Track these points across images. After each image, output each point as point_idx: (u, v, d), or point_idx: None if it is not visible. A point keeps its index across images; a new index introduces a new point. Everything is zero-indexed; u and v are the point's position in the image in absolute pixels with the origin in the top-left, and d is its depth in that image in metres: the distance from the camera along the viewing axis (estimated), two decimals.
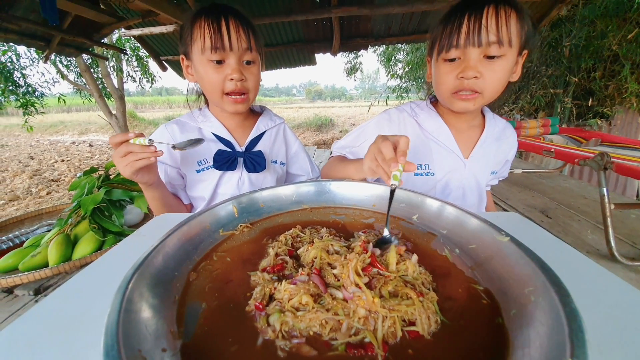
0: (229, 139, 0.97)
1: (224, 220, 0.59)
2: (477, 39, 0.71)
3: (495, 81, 0.75)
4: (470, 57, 0.74)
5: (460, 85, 0.77)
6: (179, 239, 0.49)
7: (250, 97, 0.91)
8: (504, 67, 0.74)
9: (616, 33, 4.38)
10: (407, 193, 0.66)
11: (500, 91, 0.79)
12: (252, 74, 0.88)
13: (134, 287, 0.35)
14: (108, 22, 3.32)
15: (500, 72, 0.74)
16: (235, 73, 0.83)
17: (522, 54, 0.78)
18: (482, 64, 0.74)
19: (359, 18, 3.78)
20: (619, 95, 4.84)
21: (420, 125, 0.94)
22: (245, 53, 0.84)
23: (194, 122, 0.98)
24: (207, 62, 0.83)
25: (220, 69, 0.83)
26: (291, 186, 0.71)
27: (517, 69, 0.80)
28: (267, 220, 0.63)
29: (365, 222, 0.62)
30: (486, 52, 0.72)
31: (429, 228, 0.58)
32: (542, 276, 0.38)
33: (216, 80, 0.84)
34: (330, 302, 0.33)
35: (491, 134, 0.93)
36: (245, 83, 0.87)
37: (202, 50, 0.81)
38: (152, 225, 0.65)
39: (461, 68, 0.75)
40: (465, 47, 0.73)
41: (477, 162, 0.92)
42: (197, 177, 0.95)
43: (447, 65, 0.79)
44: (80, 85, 6.48)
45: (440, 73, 0.81)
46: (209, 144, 0.95)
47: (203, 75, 0.85)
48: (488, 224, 0.51)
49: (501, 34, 0.70)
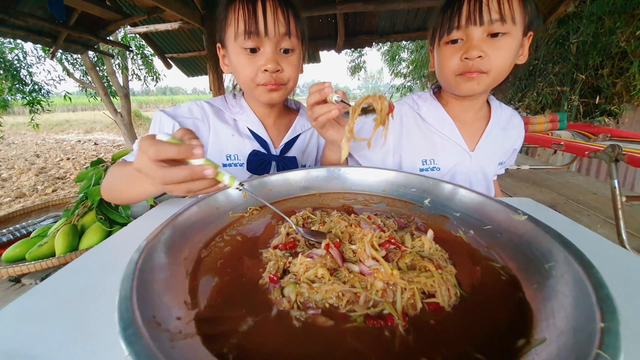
0: (266, 138, 0.88)
1: (233, 202, 0.58)
2: (478, 17, 0.69)
3: (501, 59, 0.73)
4: (473, 37, 0.71)
5: (465, 66, 0.74)
6: (189, 218, 0.48)
7: (289, 88, 0.81)
8: (509, 44, 0.72)
9: (624, 30, 4.32)
10: (419, 177, 0.65)
11: (507, 71, 0.76)
12: (290, 64, 0.78)
13: (146, 259, 0.35)
14: (114, 18, 3.34)
15: (505, 50, 0.72)
16: (270, 63, 0.73)
17: (528, 35, 0.76)
18: (486, 43, 0.71)
19: (363, 14, 3.76)
20: (627, 92, 4.78)
21: (422, 119, 0.91)
22: (283, 39, 0.74)
23: (227, 110, 0.89)
24: (240, 51, 0.74)
25: (254, 58, 0.74)
26: (300, 172, 0.70)
27: (524, 51, 0.77)
28: (277, 204, 0.62)
29: (376, 206, 0.61)
30: (489, 30, 0.70)
31: (441, 211, 0.57)
32: (563, 251, 0.37)
33: (249, 71, 0.76)
34: (347, 275, 0.33)
35: (497, 124, 0.91)
36: (281, 74, 0.77)
37: (235, 36, 0.73)
38: (160, 209, 0.64)
39: (464, 49, 0.73)
40: (467, 26, 0.71)
41: (483, 154, 0.89)
42: None
43: (450, 47, 0.76)
44: (86, 83, 6.52)
45: (443, 57, 0.79)
46: (242, 139, 0.86)
47: (236, 65, 0.77)
48: (504, 204, 0.50)
49: (504, 10, 0.68)
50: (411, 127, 0.91)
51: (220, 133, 0.86)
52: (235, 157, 0.87)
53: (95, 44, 4.01)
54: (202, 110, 0.86)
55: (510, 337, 0.29)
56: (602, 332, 0.25)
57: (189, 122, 0.82)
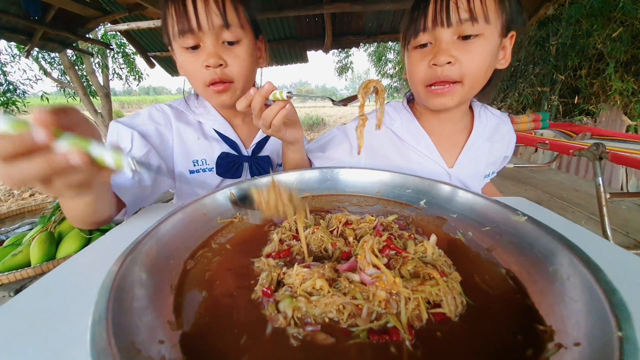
0: (235, 139, 0.82)
1: (221, 206, 0.55)
2: (445, 17, 0.61)
3: (475, 65, 0.64)
4: (442, 40, 0.64)
5: (433, 74, 0.66)
6: (174, 225, 0.45)
7: (237, 86, 0.73)
8: (483, 47, 0.64)
9: (601, 32, 4.49)
10: (414, 179, 0.63)
11: (483, 78, 0.68)
12: (235, 56, 0.70)
13: (125, 274, 0.31)
14: (93, 15, 3.21)
15: (479, 53, 0.64)
16: (210, 58, 0.66)
17: (509, 36, 0.68)
18: (457, 46, 0.63)
19: (351, 15, 3.77)
20: (603, 92, 4.96)
21: (395, 134, 0.83)
22: (221, 31, 0.67)
23: (190, 112, 0.82)
24: (182, 50, 0.69)
25: (195, 55, 0.68)
26: (292, 174, 0.67)
27: (506, 54, 0.69)
28: None
29: (371, 209, 0.59)
30: (459, 32, 0.62)
31: (438, 213, 0.55)
32: (567, 253, 0.36)
33: (193, 70, 0.70)
34: (347, 285, 0.30)
35: (481, 135, 0.81)
36: (226, 70, 0.70)
37: (173, 36, 0.68)
38: (142, 215, 0.60)
39: (432, 53, 0.65)
40: (434, 28, 0.64)
41: (464, 169, 0.80)
42: (188, 179, 0.79)
43: (418, 52, 0.69)
44: (64, 82, 6.28)
45: (411, 63, 0.71)
46: (209, 142, 0.80)
47: (182, 66, 0.72)
48: (501, 205, 0.49)
49: (474, 8, 0.60)
50: (384, 143, 0.84)
51: (184, 137, 0.79)
52: (204, 161, 0.80)
53: (73, 42, 3.85)
54: (164, 114, 0.78)
55: (521, 347, 0.28)
56: (620, 342, 0.24)
57: (151, 130, 0.74)
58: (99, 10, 3.09)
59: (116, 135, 0.70)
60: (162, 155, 0.74)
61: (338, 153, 0.83)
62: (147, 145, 0.70)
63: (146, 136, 0.72)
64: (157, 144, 0.73)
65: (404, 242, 0.40)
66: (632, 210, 1.70)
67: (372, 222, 0.44)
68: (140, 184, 0.68)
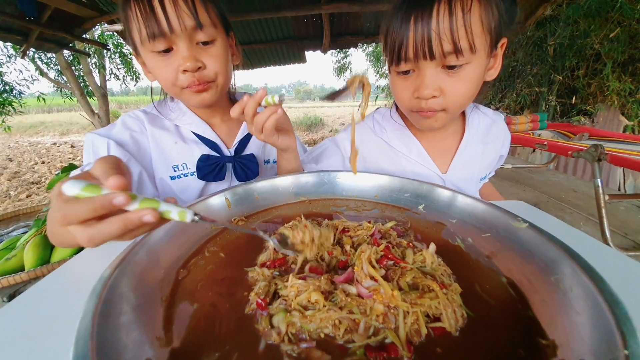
0: (215, 139, 0.78)
1: (215, 212, 0.54)
2: (428, 50, 0.56)
3: (460, 95, 0.61)
4: (425, 72, 0.59)
5: (418, 105, 0.63)
6: (166, 233, 0.43)
7: (219, 84, 0.70)
8: (470, 74, 0.59)
9: (598, 32, 4.50)
10: (412, 182, 0.62)
11: (471, 98, 0.65)
12: (213, 56, 0.66)
13: (112, 286, 0.30)
14: (89, 15, 3.19)
15: (466, 81, 0.59)
16: (187, 61, 0.62)
17: (500, 44, 0.62)
18: (441, 77, 0.59)
19: (349, 15, 3.76)
20: (600, 93, 4.98)
21: (387, 143, 0.80)
22: (195, 33, 0.63)
23: (166, 116, 0.77)
24: (153, 55, 0.64)
25: (169, 59, 0.64)
26: (289, 177, 0.66)
27: (496, 63, 0.64)
28: (263, 213, 0.58)
29: (369, 213, 0.58)
30: (444, 63, 0.57)
31: (437, 218, 0.54)
32: (569, 262, 0.35)
33: (168, 75, 0.65)
34: (343, 299, 0.29)
35: (474, 137, 0.79)
36: (205, 72, 0.66)
37: (142, 41, 0.62)
38: None
39: (416, 84, 0.61)
40: (416, 60, 0.58)
41: (458, 174, 0.78)
42: (170, 185, 0.75)
43: (401, 79, 0.64)
44: (61, 83, 6.23)
45: (395, 87, 0.67)
46: (187, 145, 0.76)
47: (153, 70, 0.67)
48: (502, 210, 0.48)
49: (458, 40, 0.54)
50: (374, 152, 0.81)
51: (160, 143, 0.75)
52: (184, 166, 0.76)
53: (70, 42, 3.82)
54: (137, 120, 0.75)
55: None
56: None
57: (126, 138, 0.70)
58: (96, 10, 3.06)
59: (91, 146, 0.68)
60: (142, 163, 0.72)
61: (331, 163, 0.83)
62: (125, 154, 0.68)
63: (123, 145, 0.69)
64: (134, 152, 0.71)
65: (402, 251, 0.39)
66: (630, 211, 1.70)
67: (370, 230, 0.43)
68: None
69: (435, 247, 0.38)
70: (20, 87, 6.21)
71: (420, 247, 0.42)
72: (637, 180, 3.47)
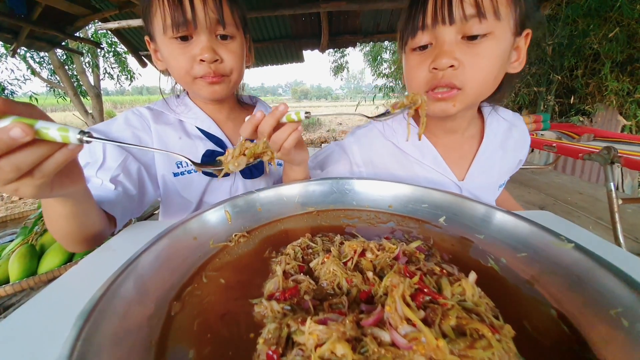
0: (220, 135, 0.77)
1: (213, 228, 0.48)
2: (447, 13, 0.53)
3: (481, 69, 0.56)
4: (444, 40, 0.55)
5: (434, 79, 0.58)
6: (157, 256, 0.37)
7: (232, 79, 0.70)
8: (492, 49, 0.55)
9: (597, 32, 4.49)
10: (430, 191, 0.57)
11: (492, 84, 0.59)
12: (230, 52, 0.67)
13: (90, 331, 0.24)
14: (82, 13, 3.11)
15: (487, 57, 0.55)
16: (206, 52, 0.63)
17: (524, 34, 0.58)
18: (461, 48, 0.55)
19: (347, 14, 3.71)
20: (599, 92, 4.97)
21: (398, 147, 0.75)
22: (217, 27, 0.65)
23: (170, 112, 0.77)
24: (171, 41, 0.64)
25: (187, 47, 0.64)
26: (294, 186, 0.61)
27: (520, 55, 0.60)
28: (268, 227, 0.52)
29: (384, 226, 0.53)
30: (464, 31, 0.54)
31: (461, 233, 0.49)
32: (630, 293, 0.30)
33: (183, 63, 0.65)
34: (376, 350, 0.23)
35: (492, 142, 0.73)
36: (221, 65, 0.67)
37: (164, 29, 0.63)
38: (124, 237, 0.53)
39: (433, 56, 0.57)
40: (434, 26, 0.55)
41: (476, 181, 0.73)
42: (174, 182, 0.74)
43: (417, 55, 0.61)
44: (54, 82, 6.12)
45: (409, 66, 0.64)
46: (192, 141, 0.75)
47: (168, 57, 0.67)
48: (539, 226, 0.43)
49: (481, 2, 0.51)
50: (385, 157, 0.76)
51: (164, 139, 0.73)
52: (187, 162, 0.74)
53: (62, 40, 3.73)
54: (141, 118, 0.73)
55: None
56: None
57: (127, 135, 0.69)
58: (88, 7, 2.98)
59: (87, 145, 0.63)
60: (142, 161, 0.69)
61: (338, 169, 0.78)
62: (122, 153, 0.65)
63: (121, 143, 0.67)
64: (135, 150, 0.69)
65: (436, 280, 0.33)
66: (638, 214, 1.66)
67: (393, 251, 0.37)
68: (125, 193, 0.64)
69: (475, 276, 0.32)
70: (11, 87, 6.08)
71: (452, 271, 0.36)
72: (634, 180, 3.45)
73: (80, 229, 0.52)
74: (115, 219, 0.60)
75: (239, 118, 0.82)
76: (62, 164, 0.34)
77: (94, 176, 0.61)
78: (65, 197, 0.45)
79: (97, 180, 0.61)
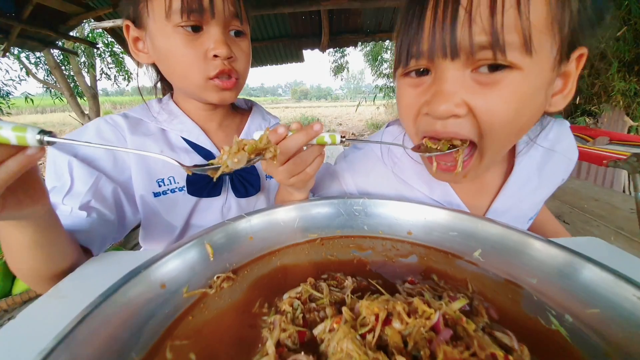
0: (209, 147, 0.65)
1: (190, 269, 0.38)
2: (448, 41, 0.35)
3: (500, 118, 0.38)
4: (445, 75, 0.38)
5: (430, 127, 0.43)
6: (107, 316, 0.27)
7: (241, 83, 0.62)
8: (520, 90, 0.37)
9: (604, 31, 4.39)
10: (459, 215, 0.47)
11: (518, 132, 0.43)
12: (243, 51, 0.60)
13: None
14: (75, 11, 3.01)
15: (510, 100, 0.37)
16: (221, 47, 0.54)
17: (574, 56, 0.39)
18: (470, 85, 0.38)
19: (349, 12, 3.62)
20: (605, 93, 4.87)
21: (400, 177, 0.61)
22: (233, 20, 0.56)
23: (151, 119, 0.64)
24: (174, 30, 0.53)
25: (197, 40, 0.54)
26: (293, 207, 0.50)
27: (567, 86, 0.41)
28: (260, 263, 0.42)
29: (405, 261, 0.42)
30: (474, 64, 0.37)
31: (505, 274, 0.39)
32: None
33: (192, 59, 0.54)
34: None
35: (526, 170, 0.56)
36: (235, 63, 0.58)
37: (167, 13, 0.51)
38: (80, 278, 0.42)
39: (429, 94, 0.41)
40: (431, 56, 0.38)
41: (499, 218, 0.52)
42: (154, 204, 0.62)
43: (409, 86, 0.44)
44: (50, 83, 6.01)
45: (399, 98, 0.48)
46: (176, 155, 0.63)
47: (169, 50, 0.55)
48: (611, 272, 0.32)
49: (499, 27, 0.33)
50: (383, 188, 0.62)
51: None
52: (171, 180, 0.62)
53: (54, 40, 3.63)
54: (115, 128, 0.61)
55: None
56: None
57: (98, 150, 0.58)
58: (80, 5, 2.88)
59: (53, 165, 0.54)
60: (118, 181, 0.58)
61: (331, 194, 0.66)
62: (93, 173, 0.54)
63: (91, 160, 0.56)
64: (108, 168, 0.57)
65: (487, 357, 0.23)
66: None
67: (430, 316, 0.27)
68: (101, 219, 0.54)
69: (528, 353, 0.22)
70: (7, 87, 5.98)
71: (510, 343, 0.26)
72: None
73: (47, 263, 0.43)
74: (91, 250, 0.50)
75: (232, 126, 0.73)
76: (18, 174, 0.27)
77: (61, 203, 0.51)
78: (24, 220, 0.36)
79: (65, 208, 0.51)
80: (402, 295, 0.33)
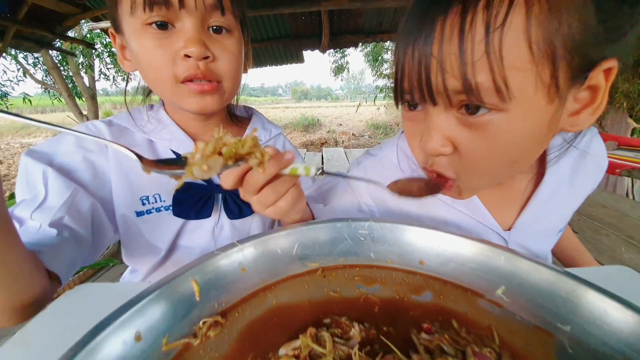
0: None
1: (172, 312, 0.32)
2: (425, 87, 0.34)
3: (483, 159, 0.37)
4: (430, 115, 0.37)
5: (426, 162, 0.43)
6: None
7: (226, 88, 0.54)
8: (507, 129, 0.34)
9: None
10: (479, 246, 0.42)
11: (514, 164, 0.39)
12: (225, 49, 0.51)
13: None
14: (71, 12, 2.96)
15: (495, 141, 0.35)
16: (192, 45, 0.46)
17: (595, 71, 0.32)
18: (453, 125, 0.36)
19: (349, 12, 3.57)
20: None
21: None
22: (212, 13, 0.49)
23: (137, 128, 0.59)
24: (142, 29, 0.47)
25: (167, 39, 0.48)
26: (291, 231, 0.45)
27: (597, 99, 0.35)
28: (252, 303, 0.37)
29: (418, 299, 0.37)
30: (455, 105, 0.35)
31: (533, 318, 0.34)
32: None
33: (161, 60, 0.48)
34: None
35: (556, 177, 0.52)
36: (213, 65, 0.51)
37: (132, 9, 0.46)
38: (47, 318, 0.37)
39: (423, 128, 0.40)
40: (415, 99, 0.38)
41: (527, 231, 0.53)
42: (137, 224, 0.57)
43: (408, 119, 0.43)
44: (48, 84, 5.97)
45: (404, 126, 0.46)
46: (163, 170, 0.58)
47: (139, 53, 0.49)
48: None
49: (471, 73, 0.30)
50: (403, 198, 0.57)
51: (126, 166, 0.56)
52: (156, 198, 0.57)
53: (51, 40, 3.58)
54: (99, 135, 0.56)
55: None
56: None
57: (76, 160, 0.52)
58: (77, 6, 2.83)
59: (25, 174, 0.48)
60: (98, 195, 0.53)
61: (343, 204, 0.61)
62: (70, 186, 0.49)
63: (69, 171, 0.50)
64: (87, 180, 0.52)
65: None
66: None
67: None
68: (73, 239, 0.47)
69: None
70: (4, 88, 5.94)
71: None
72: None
73: (5, 292, 0.36)
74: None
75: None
76: None
77: (29, 218, 0.45)
78: None
79: (33, 224, 0.45)
80: (420, 350, 0.28)
